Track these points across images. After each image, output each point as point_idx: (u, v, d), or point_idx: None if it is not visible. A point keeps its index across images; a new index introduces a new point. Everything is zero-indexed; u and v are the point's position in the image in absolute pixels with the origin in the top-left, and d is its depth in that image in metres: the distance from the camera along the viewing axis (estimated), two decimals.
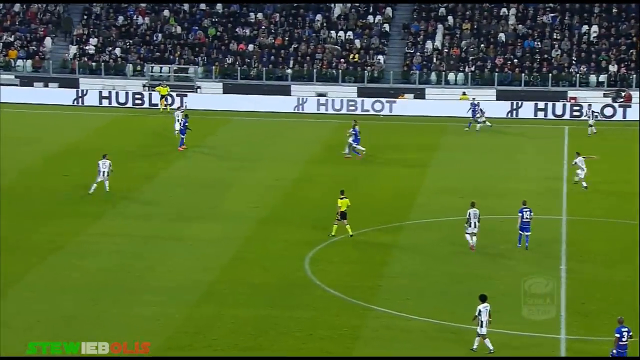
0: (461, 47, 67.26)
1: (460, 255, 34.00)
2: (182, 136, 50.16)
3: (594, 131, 54.38)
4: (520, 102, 61.63)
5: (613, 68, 63.73)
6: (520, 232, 34.75)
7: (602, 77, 63.50)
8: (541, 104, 61.11)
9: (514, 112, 61.58)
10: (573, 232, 36.54)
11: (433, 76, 66.02)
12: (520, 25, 67.73)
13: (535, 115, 60.94)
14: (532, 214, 34.74)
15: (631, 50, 64.45)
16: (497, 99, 63.20)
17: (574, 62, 64.85)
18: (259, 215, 38.90)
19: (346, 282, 31.27)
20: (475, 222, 34.28)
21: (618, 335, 24.06)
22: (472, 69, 65.75)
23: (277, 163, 48.26)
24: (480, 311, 25.58)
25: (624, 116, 60.10)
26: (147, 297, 29.62)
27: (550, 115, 60.80)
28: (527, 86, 64.41)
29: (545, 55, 65.61)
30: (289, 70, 66.87)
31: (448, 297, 30.03)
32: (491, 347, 25.61)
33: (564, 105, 61.15)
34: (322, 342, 26.53)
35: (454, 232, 36.63)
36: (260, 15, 70.56)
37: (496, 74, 65.03)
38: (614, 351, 24.11)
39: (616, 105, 60.70)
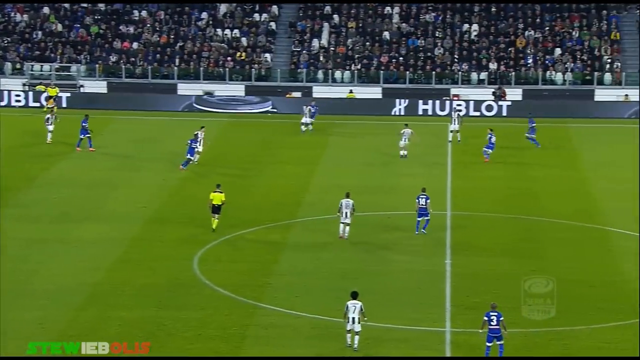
0: (347, 46, 67.88)
1: (348, 252, 34.31)
2: (81, 137, 49.15)
3: (456, 129, 53.81)
4: (405, 100, 62.61)
5: (493, 66, 65.36)
6: (418, 218, 35.49)
7: (483, 75, 65.04)
8: (425, 102, 62.21)
9: (400, 109, 62.51)
10: (457, 227, 37.31)
11: (320, 74, 66.42)
12: (404, 24, 68.78)
13: (420, 112, 61.97)
14: (429, 200, 35.74)
15: (510, 49, 66.22)
16: (384, 97, 64.04)
17: (456, 60, 66.23)
18: (146, 215, 38.42)
19: (235, 281, 31.18)
20: (347, 212, 34.96)
21: (486, 319, 25.16)
22: (359, 67, 66.43)
23: (164, 163, 47.73)
24: (347, 307, 25.67)
25: (502, 112, 61.69)
26: (31, 301, 28.90)
27: (434, 112, 61.92)
28: (412, 84, 65.47)
29: (429, 54, 66.82)
30: (175, 69, 66.30)
31: (336, 293, 30.22)
32: (355, 346, 25.61)
33: (447, 103, 62.35)
34: (211, 342, 26.40)
35: None
36: (144, 13, 69.65)
37: (382, 72, 65.88)
38: (481, 331, 25.24)
39: (496, 101, 62.19)
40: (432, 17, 68.75)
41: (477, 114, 61.46)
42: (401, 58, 66.67)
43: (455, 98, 63.17)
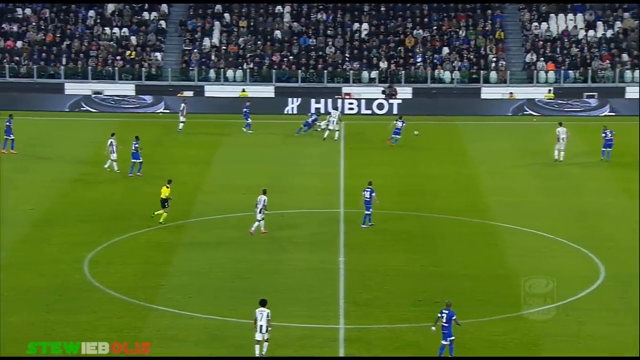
0: (239, 45, 67.71)
1: (242, 252, 34.25)
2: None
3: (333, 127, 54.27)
4: (298, 99, 62.83)
5: (383, 64, 66.17)
6: (366, 212, 36.66)
7: (374, 74, 65.78)
8: (318, 100, 62.54)
9: (292, 108, 62.72)
10: (351, 224, 37.66)
11: (212, 73, 66.07)
12: (295, 23, 69.01)
13: (313, 111, 62.22)
14: (373, 193, 36.49)
15: (399, 48, 67.16)
16: (276, 96, 64.13)
17: (347, 59, 66.80)
18: (33, 218, 37.51)
19: (127, 283, 30.76)
20: (260, 208, 35.13)
21: (438, 315, 25.47)
22: (251, 66, 66.33)
23: (52, 164, 46.73)
24: (255, 315, 25.51)
25: (393, 111, 62.54)
26: None
27: (326, 111, 62.24)
28: (304, 83, 65.75)
29: (320, 53, 67.20)
30: (62, 68, 64.95)
31: (230, 293, 30.19)
32: (263, 353, 25.41)
33: (339, 101, 62.80)
34: None
35: (237, 229, 36.85)
36: (28, 11, 67.99)
37: (274, 71, 65.94)
38: (433, 328, 25.59)
39: (387, 100, 62.96)
40: (323, 16, 69.17)
41: (369, 112, 62.16)
42: (293, 57, 66.87)
43: (347, 96, 63.73)
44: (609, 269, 32.22)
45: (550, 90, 63.88)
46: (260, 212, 35.65)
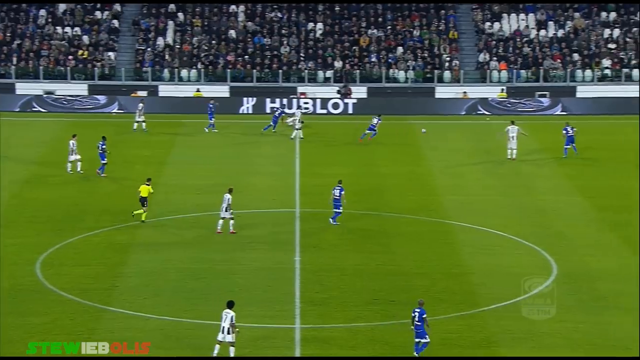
0: (193, 44, 67.42)
1: (198, 252, 34.11)
2: None
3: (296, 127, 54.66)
4: (253, 98, 62.70)
5: (338, 64, 66.28)
6: (334, 209, 37.00)
7: (329, 73, 65.87)
8: (273, 100, 62.50)
9: (248, 108, 62.59)
10: (306, 224, 37.69)
11: (166, 73, 65.69)
12: (249, 23, 68.87)
13: (268, 110, 62.18)
14: (343, 192, 36.85)
15: (354, 47, 67.32)
16: (231, 95, 63.95)
17: (302, 58, 66.82)
18: None
19: (81, 285, 30.48)
20: (224, 207, 35.28)
21: (413, 315, 25.49)
22: (205, 65, 66.07)
23: (3, 164, 46.12)
24: (221, 316, 25.38)
25: (348, 110, 62.72)
26: None
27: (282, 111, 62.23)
28: (259, 82, 65.65)
29: (275, 52, 67.12)
30: (13, 67, 64.20)
31: (185, 294, 30.05)
32: (232, 354, 25.31)
33: (294, 101, 62.83)
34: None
35: (192, 230, 36.70)
36: None
37: (229, 70, 65.74)
38: (411, 327, 25.60)
39: (342, 99, 63.08)
40: (278, 15, 69.12)
41: (324, 111, 62.24)
42: (248, 57, 66.71)
43: (302, 96, 63.76)
44: (560, 266, 32.61)
45: (503, 89, 64.47)
46: (226, 211, 35.62)
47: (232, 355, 25.24)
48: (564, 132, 49.29)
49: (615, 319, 28.12)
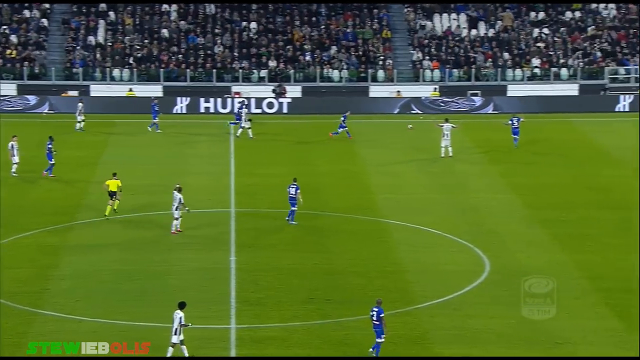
0: (125, 43, 66.73)
1: (132, 253, 33.81)
2: None
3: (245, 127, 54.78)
4: (186, 98, 62.32)
5: (273, 63, 66.22)
6: (292, 208, 36.92)
7: (263, 73, 65.76)
8: (207, 99, 62.21)
9: (181, 108, 62.18)
10: (242, 223, 37.60)
11: (97, 72, 64.93)
12: (182, 22, 68.42)
13: (202, 110, 61.91)
14: (299, 190, 36.91)
15: (288, 46, 67.31)
16: (165, 95, 63.45)
17: (236, 57, 66.59)
18: None
19: (11, 288, 29.99)
20: (176, 206, 35.37)
21: (371, 314, 25.45)
22: (137, 65, 65.45)
23: None
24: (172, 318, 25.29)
25: (283, 110, 62.75)
26: None
27: (216, 110, 62.05)
28: (193, 82, 65.26)
29: (209, 51, 66.79)
30: None
31: (119, 296, 29.77)
32: (185, 354, 25.16)
33: (229, 100, 62.61)
34: None
35: (125, 230, 36.35)
36: None
37: (162, 70, 65.22)
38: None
39: (277, 99, 63.05)
40: (211, 8, 68.67)
41: (259, 111, 62.16)
42: (181, 56, 66.25)
43: (237, 96, 63.56)
44: (493, 263, 33.06)
45: (435, 88, 65.12)
46: (177, 210, 35.36)
47: (185, 354, 25.10)
48: (510, 122, 50.46)
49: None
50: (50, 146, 43.84)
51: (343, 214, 39.10)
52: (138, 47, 66.33)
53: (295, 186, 37.28)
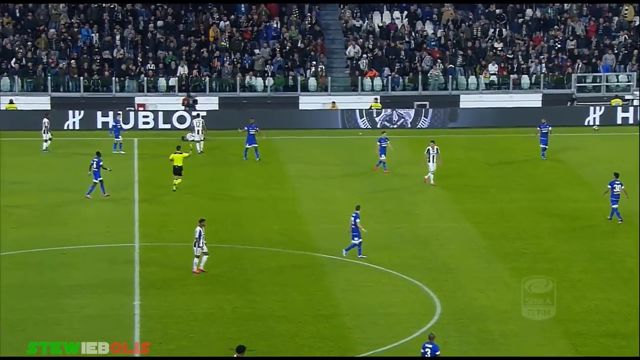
0: (3, 46, 66.12)
1: (14, 298, 33.41)
2: None
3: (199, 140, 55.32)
4: (80, 111, 61.81)
5: (183, 70, 66.01)
6: None
7: (172, 81, 65.54)
8: (106, 113, 61.56)
9: (74, 123, 61.63)
10: (147, 260, 37.43)
11: None
12: (75, 20, 68.07)
13: (100, 126, 61.36)
14: (357, 220, 37.28)
15: (202, 50, 67.26)
16: (53, 108, 62.85)
17: (139, 62, 66.31)
18: None
19: None
20: (195, 242, 35.62)
21: (423, 351, 26.24)
22: (20, 71, 64.89)
23: None
24: None
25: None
26: None
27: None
28: (87, 92, 64.79)
29: (107, 55, 66.34)
30: None
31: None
32: None
33: (132, 114, 62.26)
34: None
35: (7, 271, 35.91)
36: None
37: (49, 77, 64.60)
38: None
39: (189, 112, 62.83)
40: (107, 12, 68.36)
41: (168, 126, 61.99)
42: (73, 60, 65.73)
43: (141, 108, 63.32)
44: (445, 305, 33.41)
45: (376, 99, 65.54)
46: (197, 246, 35.56)
47: None
48: (538, 128, 52.73)
49: None
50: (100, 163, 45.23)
51: (268, 247, 39.20)
52: (20, 51, 65.68)
53: (355, 214, 37.55)
